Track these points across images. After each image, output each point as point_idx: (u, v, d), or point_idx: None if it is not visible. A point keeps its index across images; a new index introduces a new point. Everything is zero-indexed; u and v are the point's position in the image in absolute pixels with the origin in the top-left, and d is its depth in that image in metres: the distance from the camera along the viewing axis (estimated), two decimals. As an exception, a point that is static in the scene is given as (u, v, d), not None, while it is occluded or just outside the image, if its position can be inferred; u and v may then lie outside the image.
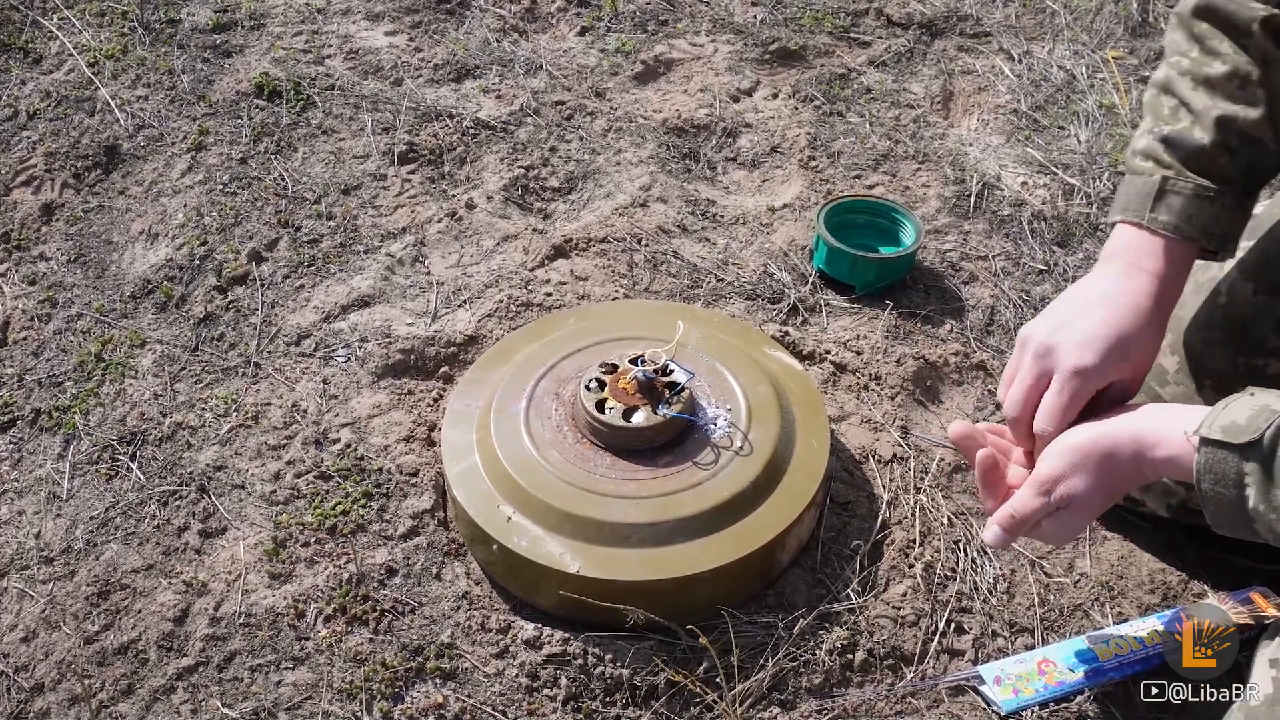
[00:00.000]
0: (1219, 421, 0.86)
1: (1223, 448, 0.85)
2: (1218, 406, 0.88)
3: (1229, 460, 0.85)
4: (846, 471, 1.39)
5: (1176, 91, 1.07)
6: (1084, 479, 0.96)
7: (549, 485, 1.22)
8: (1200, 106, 1.04)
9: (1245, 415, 0.85)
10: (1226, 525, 0.89)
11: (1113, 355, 0.99)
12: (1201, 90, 1.05)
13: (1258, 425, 0.84)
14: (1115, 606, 1.26)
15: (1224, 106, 1.03)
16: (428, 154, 1.92)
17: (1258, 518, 0.85)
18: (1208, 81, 1.05)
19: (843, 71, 2.21)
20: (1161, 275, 1.03)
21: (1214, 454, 0.86)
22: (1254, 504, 0.84)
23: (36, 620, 1.22)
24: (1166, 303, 1.04)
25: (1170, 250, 1.04)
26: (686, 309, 1.54)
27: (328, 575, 1.24)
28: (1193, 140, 1.04)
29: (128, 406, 1.47)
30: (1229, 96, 1.04)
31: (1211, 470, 0.86)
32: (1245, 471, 0.84)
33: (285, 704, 1.14)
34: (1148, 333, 1.01)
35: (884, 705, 1.15)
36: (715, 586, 1.18)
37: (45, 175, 1.86)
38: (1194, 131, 1.04)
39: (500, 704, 1.14)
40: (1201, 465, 0.87)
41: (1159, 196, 1.04)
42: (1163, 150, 1.05)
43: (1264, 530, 0.86)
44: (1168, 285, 1.03)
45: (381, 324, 1.57)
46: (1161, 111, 1.08)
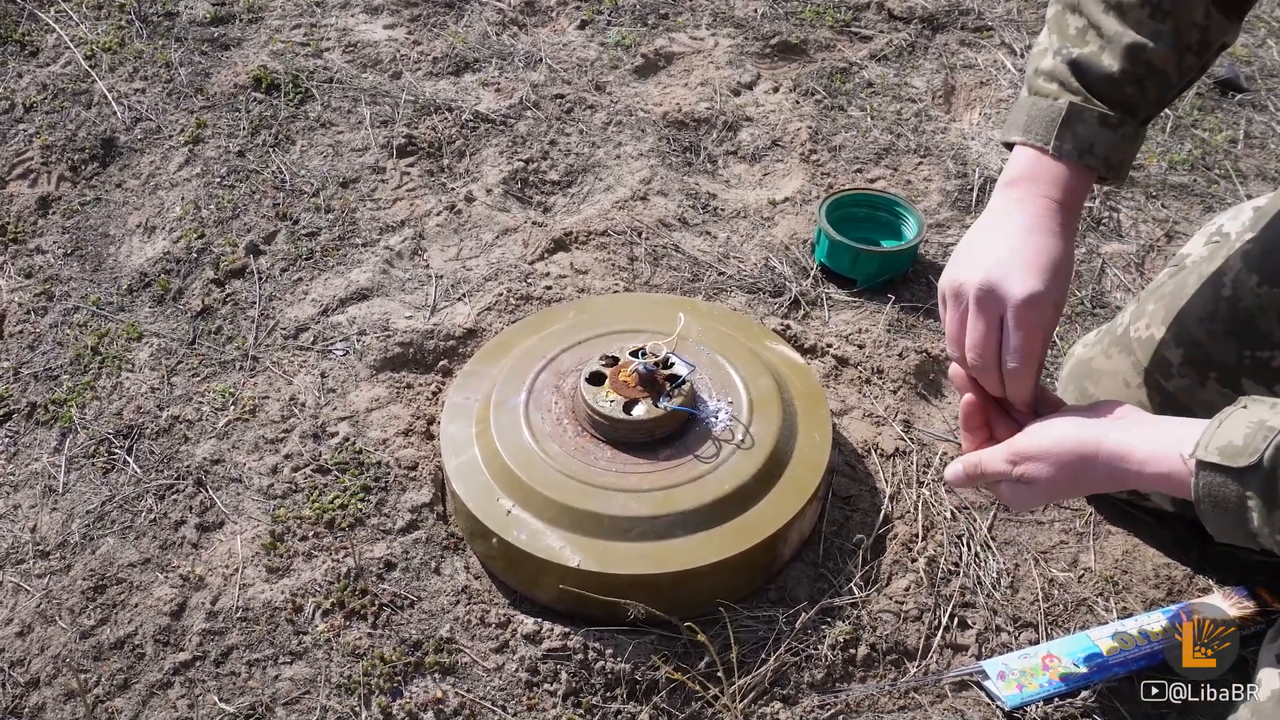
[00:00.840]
0: (1215, 443, 0.84)
1: (1221, 472, 0.83)
2: (1212, 424, 0.86)
3: (1228, 485, 0.83)
4: (848, 465, 1.38)
5: (1086, 11, 1.05)
6: (1051, 469, 0.95)
7: (549, 478, 1.21)
8: (1111, 32, 1.02)
9: (1241, 434, 0.83)
10: (1229, 539, 0.87)
11: (1059, 278, 0.99)
12: (1113, 14, 1.03)
13: (1256, 446, 0.81)
14: (1120, 601, 1.25)
15: (1134, 35, 1.01)
16: (427, 147, 1.91)
17: (1262, 536, 0.83)
18: (1119, 6, 1.03)
19: (844, 65, 2.20)
20: (1066, 203, 1.03)
21: (1212, 478, 0.84)
22: (1257, 525, 0.82)
23: (32, 614, 1.21)
24: (1073, 230, 1.04)
25: (1074, 176, 1.03)
26: (687, 302, 1.53)
27: (326, 569, 1.23)
28: (1102, 67, 1.02)
29: (124, 400, 1.46)
30: (1139, 24, 1.02)
31: (1211, 494, 0.84)
32: (1246, 496, 0.82)
33: (283, 699, 1.13)
34: (1069, 259, 1.02)
35: (887, 700, 1.15)
36: (716, 580, 1.18)
37: (42, 168, 1.84)
38: (1103, 58, 1.02)
39: (500, 699, 1.13)
40: (1200, 489, 0.85)
41: (1065, 123, 1.02)
42: (1069, 74, 1.04)
43: (1269, 545, 0.84)
44: (1072, 212, 1.03)
45: (380, 317, 1.56)
46: (1068, 30, 1.06)
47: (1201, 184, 1.93)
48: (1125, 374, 1.25)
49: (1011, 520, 1.34)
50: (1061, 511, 1.35)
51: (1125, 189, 1.88)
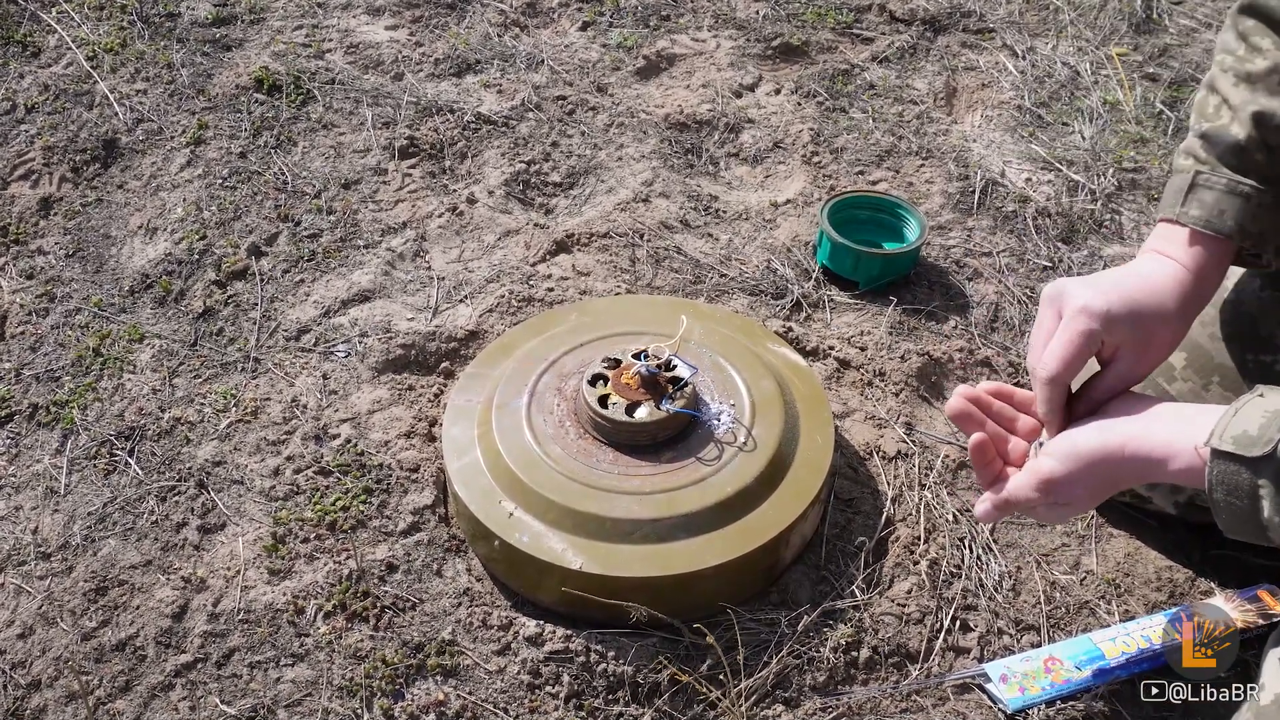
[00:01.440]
0: (1229, 432, 0.84)
1: (1234, 460, 0.83)
2: (1228, 412, 0.86)
3: (1241, 474, 0.83)
4: (850, 468, 1.38)
5: (1219, 88, 1.04)
6: (1083, 488, 0.94)
7: (551, 481, 1.20)
8: (1238, 101, 1.02)
9: (1256, 424, 0.83)
10: (1239, 532, 0.87)
11: (1121, 304, 0.96)
12: (1242, 86, 1.02)
13: (1270, 436, 0.81)
14: (1122, 604, 1.25)
15: (1262, 102, 1.00)
16: (428, 148, 1.91)
17: (1272, 528, 0.83)
18: (1248, 77, 1.02)
19: (846, 67, 2.20)
20: (1191, 269, 1.00)
21: (1225, 467, 0.84)
22: (1269, 515, 0.82)
23: (34, 616, 1.21)
24: (1193, 298, 1.00)
25: (1202, 245, 1.01)
26: (689, 304, 1.53)
27: (327, 571, 1.23)
28: (1228, 136, 1.01)
29: (126, 401, 1.46)
30: (1269, 92, 1.01)
31: (1224, 482, 0.84)
32: (1259, 484, 0.82)
33: (285, 701, 1.13)
34: (1166, 313, 0.98)
35: (889, 703, 1.14)
36: (718, 583, 1.17)
37: (44, 169, 1.84)
38: (1231, 127, 1.01)
39: (502, 701, 1.13)
40: (1214, 478, 0.85)
41: (1190, 190, 1.02)
42: (1200, 146, 1.03)
43: (1277, 536, 0.84)
44: (1197, 279, 1.00)
45: (382, 319, 1.56)
46: (1206, 110, 1.05)
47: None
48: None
49: (1013, 523, 1.34)
50: (1063, 514, 1.35)
51: (1127, 191, 1.88)
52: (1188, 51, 2.28)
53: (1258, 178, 1.01)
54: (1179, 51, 2.28)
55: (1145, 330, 0.97)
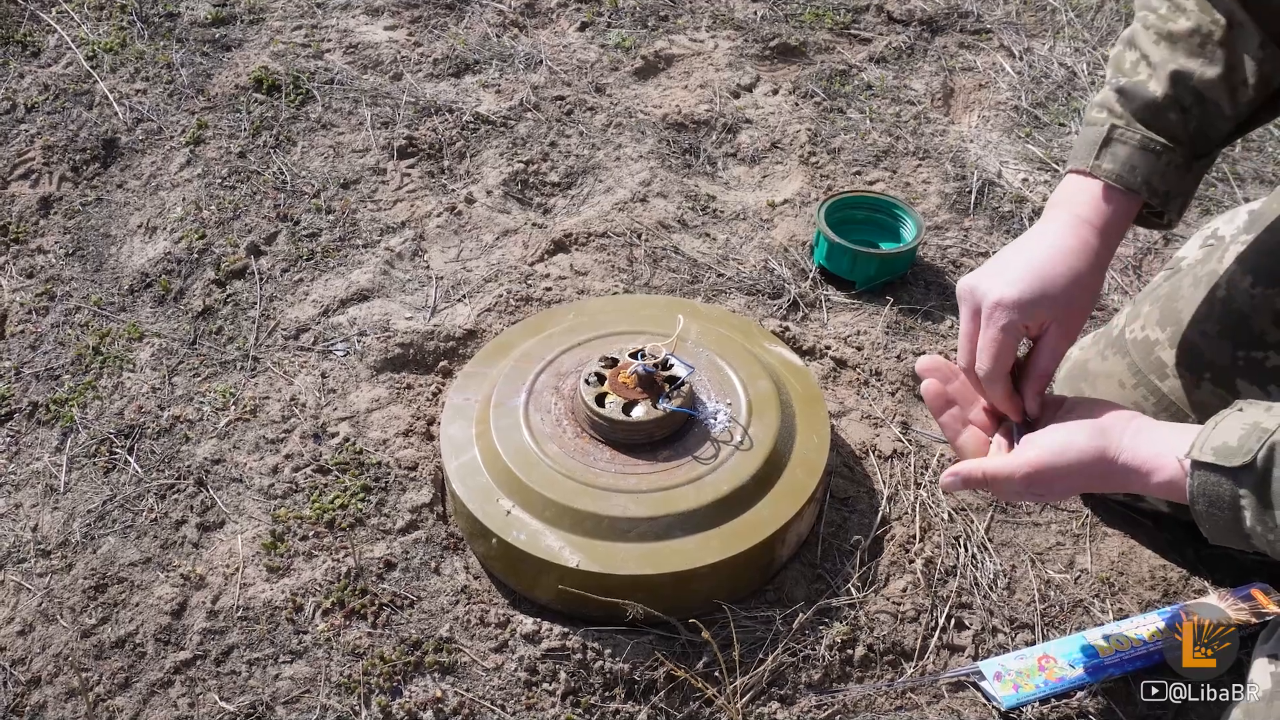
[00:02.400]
0: (1210, 443, 0.86)
1: (1215, 471, 0.85)
2: (1208, 426, 0.87)
3: (1222, 484, 0.84)
4: (847, 467, 1.38)
5: (1139, 44, 1.06)
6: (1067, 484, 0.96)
7: (548, 479, 1.21)
8: (1158, 59, 1.03)
9: (1236, 435, 0.84)
10: (1223, 540, 0.88)
11: (1032, 288, 0.98)
12: (1163, 44, 1.03)
13: (1249, 447, 0.83)
14: (1116, 603, 1.26)
15: (1181, 62, 1.02)
16: (427, 148, 1.91)
17: (1255, 536, 0.84)
18: (1170, 36, 1.03)
19: (843, 68, 2.20)
20: (1096, 223, 1.03)
21: (1206, 478, 0.85)
22: (1250, 524, 0.84)
23: (33, 613, 1.22)
24: (1101, 250, 1.02)
25: (1110, 199, 1.03)
26: (686, 304, 1.54)
27: (326, 569, 1.24)
28: (1145, 92, 1.03)
29: (125, 400, 1.46)
30: (1188, 52, 1.02)
31: (1205, 493, 0.86)
32: (1239, 495, 0.84)
33: (283, 698, 1.13)
34: (1077, 273, 1.00)
35: (884, 701, 1.15)
36: (715, 581, 1.18)
37: (43, 168, 1.85)
38: (1149, 84, 1.03)
39: (499, 698, 1.13)
40: (1195, 489, 0.86)
41: (1104, 144, 1.04)
42: (1116, 100, 1.05)
43: (1261, 546, 0.85)
44: (1103, 232, 1.03)
45: (380, 318, 1.57)
46: (1123, 64, 1.06)
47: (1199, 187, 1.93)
48: (1120, 375, 1.25)
49: (1009, 522, 1.34)
50: (1058, 513, 1.36)
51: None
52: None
53: (1168, 137, 1.02)
54: (1176, 52, 2.28)
55: (1064, 301, 1.00)
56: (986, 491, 1.02)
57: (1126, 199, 1.03)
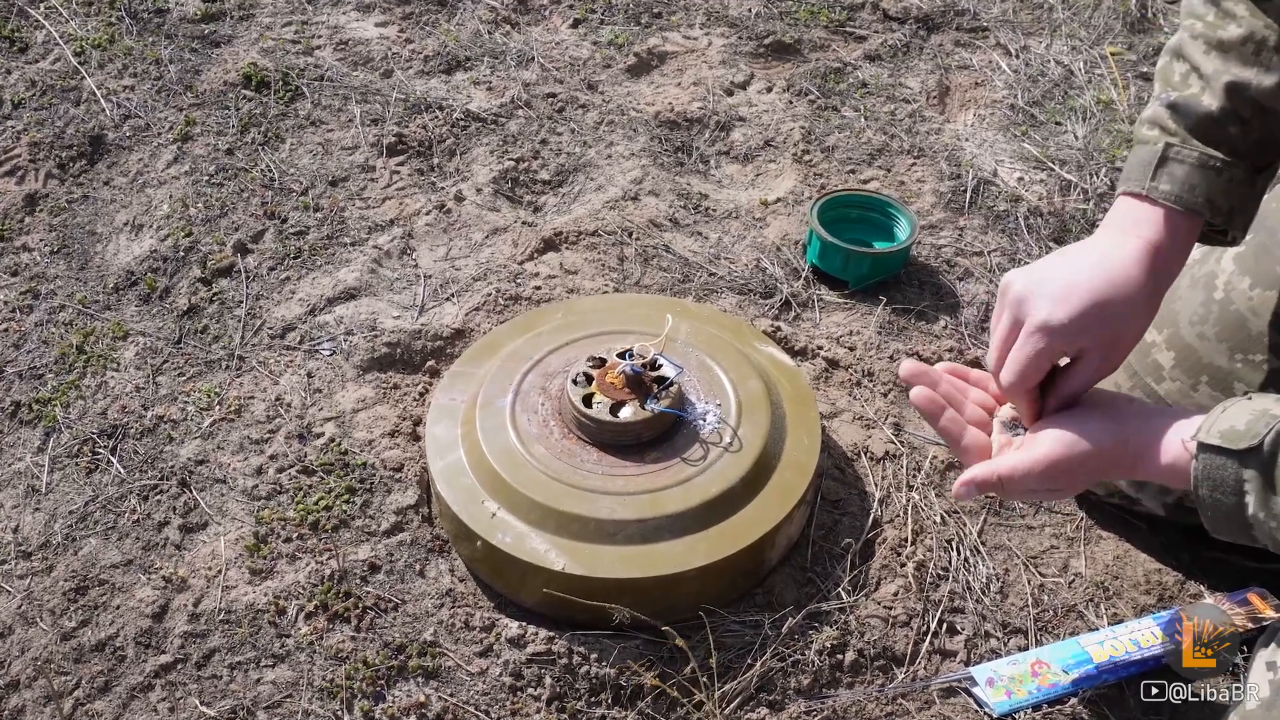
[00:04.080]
0: (1217, 426, 0.84)
1: (1221, 454, 0.83)
2: (1215, 410, 0.86)
3: (1227, 467, 0.83)
4: (838, 469, 1.37)
5: (1188, 55, 1.00)
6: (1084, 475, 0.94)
7: (534, 481, 1.19)
8: (1210, 71, 0.98)
9: (1244, 420, 0.83)
10: (1224, 531, 0.86)
11: (1087, 318, 0.93)
12: (1214, 54, 0.98)
13: (1257, 431, 0.81)
14: (1110, 607, 1.24)
15: (1236, 72, 0.96)
16: (417, 146, 1.89)
17: (1257, 525, 0.83)
18: (1221, 45, 0.98)
19: (838, 65, 2.19)
20: (1158, 246, 0.96)
21: (1212, 460, 0.84)
22: (1253, 511, 0.82)
23: (12, 616, 1.20)
24: (1161, 276, 0.96)
25: (1171, 221, 0.96)
26: (677, 303, 1.52)
27: (309, 572, 1.22)
28: (1200, 107, 0.97)
29: (109, 399, 1.44)
30: (1242, 61, 0.97)
31: (1209, 476, 0.84)
32: (1244, 478, 0.82)
33: (265, 702, 1.12)
34: (1134, 304, 0.95)
35: (874, 707, 1.14)
36: (703, 585, 1.16)
37: (29, 165, 1.83)
38: (1203, 98, 0.97)
39: (483, 703, 1.12)
40: (1199, 471, 0.84)
41: (1160, 164, 0.97)
42: (1168, 117, 0.99)
43: (1263, 537, 0.84)
44: (1165, 257, 0.96)
45: (367, 317, 1.55)
46: (1172, 77, 1.01)
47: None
48: (1116, 377, 1.24)
49: (1001, 525, 1.33)
50: (1052, 516, 1.34)
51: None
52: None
53: (1228, 151, 0.97)
54: (1173, 51, 2.26)
55: (1111, 334, 0.95)
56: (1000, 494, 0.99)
57: (1188, 220, 0.97)
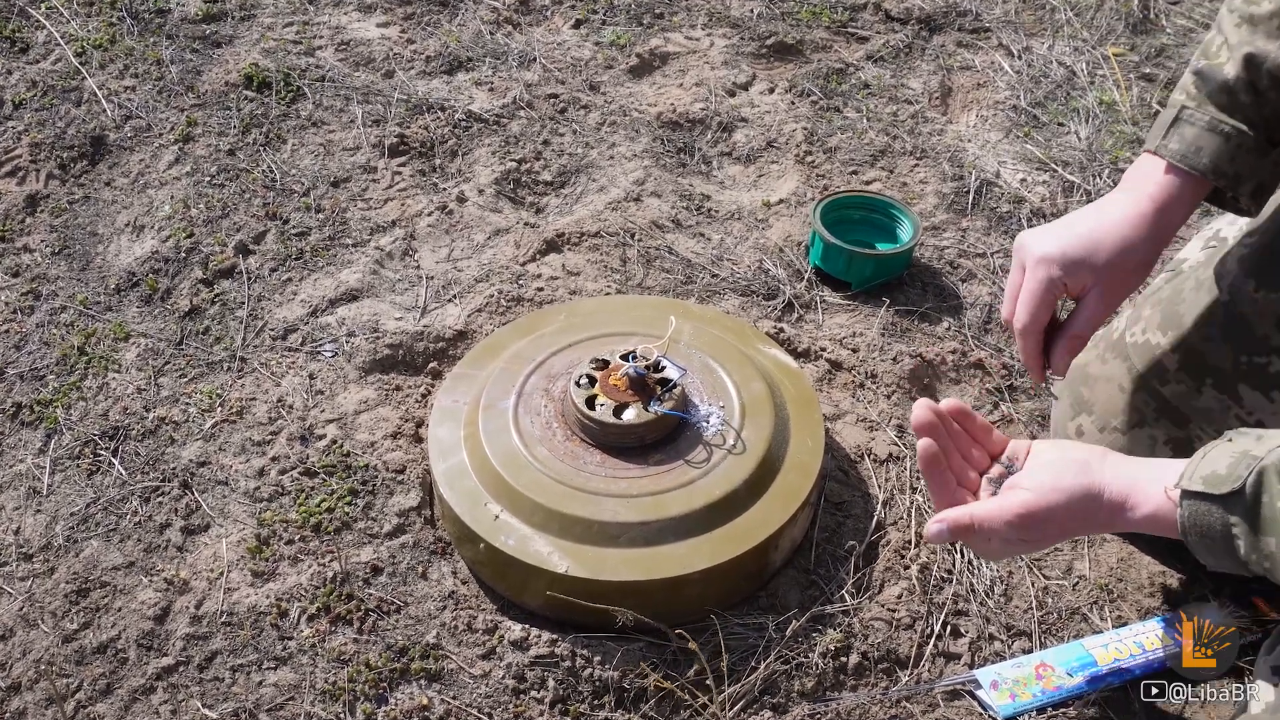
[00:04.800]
0: (1199, 472, 0.84)
1: (1205, 499, 0.83)
2: (1197, 456, 0.86)
3: (1213, 513, 0.83)
4: (841, 471, 1.36)
5: (1222, 28, 1.04)
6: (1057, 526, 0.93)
7: (537, 483, 1.19)
8: (1235, 41, 1.01)
9: (1225, 464, 0.83)
10: (1221, 568, 0.87)
11: (1076, 248, 0.99)
12: (1244, 27, 1.01)
13: (1238, 474, 0.82)
14: (1115, 610, 1.24)
15: (1258, 44, 0.99)
16: (419, 146, 1.89)
17: (1250, 562, 0.83)
18: (1251, 19, 1.01)
19: (840, 66, 2.18)
20: (1159, 201, 1.02)
21: (1196, 507, 0.84)
22: (1244, 552, 0.83)
23: (14, 618, 1.20)
24: (1155, 225, 1.01)
25: (1175, 179, 1.02)
26: (679, 305, 1.52)
27: (312, 574, 1.22)
28: (1220, 74, 1.01)
29: (110, 401, 1.44)
30: (1268, 35, 0.99)
31: (1196, 524, 0.85)
32: (1231, 523, 0.82)
33: (267, 705, 1.11)
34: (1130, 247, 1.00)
35: (878, 709, 1.13)
36: (706, 587, 1.16)
37: (30, 166, 1.83)
38: (1225, 67, 1.01)
39: (486, 706, 1.12)
40: (1185, 519, 0.85)
41: (1173, 124, 1.03)
42: (1192, 83, 1.04)
43: (1258, 570, 0.84)
44: (1165, 212, 1.02)
45: (370, 318, 1.55)
46: (1210, 48, 1.05)
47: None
48: (1120, 379, 1.24)
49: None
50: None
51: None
52: (1185, 52, 2.27)
53: (1242, 119, 1.00)
54: (1176, 52, 2.26)
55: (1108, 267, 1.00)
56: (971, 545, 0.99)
57: (1192, 180, 1.02)
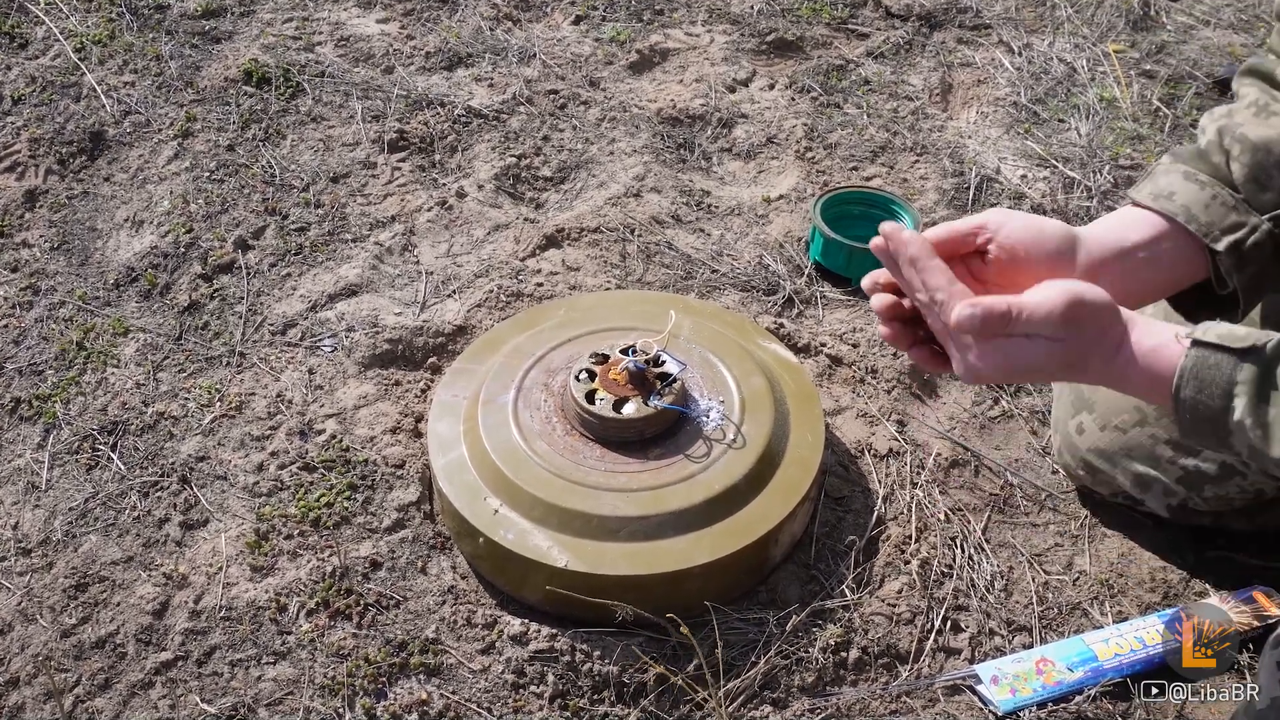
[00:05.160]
0: (1215, 329, 0.83)
1: (1218, 350, 0.81)
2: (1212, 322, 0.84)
3: (1222, 365, 0.81)
4: (841, 466, 1.36)
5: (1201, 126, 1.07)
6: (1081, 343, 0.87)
7: (537, 477, 1.19)
8: (1206, 124, 1.05)
9: (1243, 330, 0.82)
10: (1198, 436, 0.84)
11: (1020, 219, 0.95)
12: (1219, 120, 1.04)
13: (1259, 338, 0.80)
14: (1115, 605, 1.24)
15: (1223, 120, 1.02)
16: (418, 142, 1.89)
17: (1238, 433, 0.81)
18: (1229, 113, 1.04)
19: (840, 63, 2.18)
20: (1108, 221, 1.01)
21: (1205, 356, 0.82)
22: (1240, 416, 0.80)
23: (12, 613, 1.20)
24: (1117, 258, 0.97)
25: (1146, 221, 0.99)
26: (679, 300, 1.52)
27: (311, 568, 1.22)
28: (1192, 145, 1.04)
29: (109, 396, 1.44)
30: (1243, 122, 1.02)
31: (1198, 375, 0.82)
32: (1237, 380, 0.80)
33: (266, 700, 1.11)
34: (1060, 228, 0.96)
35: (878, 705, 1.13)
36: (706, 582, 1.16)
37: (30, 161, 1.83)
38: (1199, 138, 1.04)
39: (485, 701, 1.11)
40: (1187, 367, 0.82)
41: (1147, 177, 1.03)
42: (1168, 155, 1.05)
43: (1240, 446, 0.81)
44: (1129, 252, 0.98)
45: (369, 313, 1.54)
46: None
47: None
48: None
49: (1006, 523, 1.32)
50: (1056, 514, 1.34)
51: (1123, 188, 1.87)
52: (1185, 48, 2.26)
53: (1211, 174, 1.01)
54: (1176, 48, 2.26)
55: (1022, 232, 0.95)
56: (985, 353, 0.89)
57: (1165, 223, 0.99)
